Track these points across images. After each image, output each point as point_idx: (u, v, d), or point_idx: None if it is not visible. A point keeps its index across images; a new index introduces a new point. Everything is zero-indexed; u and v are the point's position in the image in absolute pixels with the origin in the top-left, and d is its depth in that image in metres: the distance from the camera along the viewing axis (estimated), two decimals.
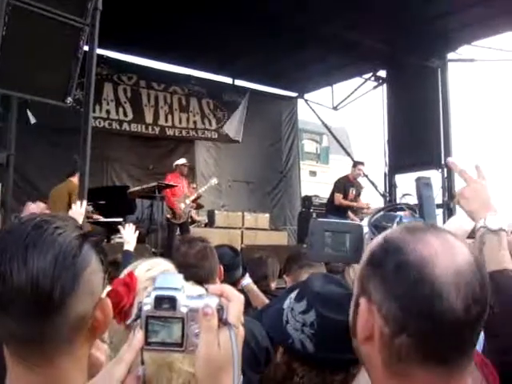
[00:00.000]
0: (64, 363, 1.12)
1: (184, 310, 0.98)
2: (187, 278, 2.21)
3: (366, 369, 1.11)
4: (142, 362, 1.02)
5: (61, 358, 1.12)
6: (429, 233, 1.03)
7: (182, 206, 10.56)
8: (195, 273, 2.89)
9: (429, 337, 0.97)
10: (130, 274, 1.57)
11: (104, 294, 1.22)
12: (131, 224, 4.58)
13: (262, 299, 3.82)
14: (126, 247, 4.30)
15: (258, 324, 2.08)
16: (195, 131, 14.57)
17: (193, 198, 10.87)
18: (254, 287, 3.92)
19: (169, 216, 10.51)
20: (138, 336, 0.99)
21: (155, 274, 1.87)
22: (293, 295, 1.80)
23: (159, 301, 0.98)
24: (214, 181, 11.63)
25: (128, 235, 4.37)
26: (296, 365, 1.69)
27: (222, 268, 3.19)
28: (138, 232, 4.52)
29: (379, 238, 1.08)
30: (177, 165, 10.93)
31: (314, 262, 3.53)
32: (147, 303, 0.98)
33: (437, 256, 0.98)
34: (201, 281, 2.88)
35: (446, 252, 0.99)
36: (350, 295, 1.79)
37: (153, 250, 9.00)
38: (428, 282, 0.96)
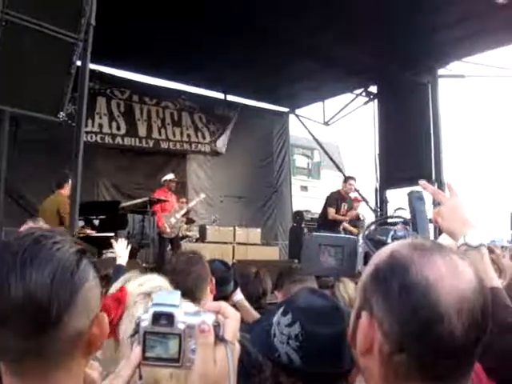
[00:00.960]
0: (61, 379, 1.11)
1: (181, 326, 0.99)
2: (176, 286, 2.23)
3: (364, 379, 1.12)
4: (140, 377, 1.03)
5: (57, 373, 1.11)
6: (436, 253, 1.03)
7: (173, 220, 10.58)
8: (183, 279, 2.91)
9: (428, 358, 0.97)
10: (122, 289, 1.58)
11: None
12: (123, 239, 4.58)
13: (252, 315, 3.81)
14: (118, 261, 4.30)
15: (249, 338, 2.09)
16: (189, 144, 14.60)
17: (183, 212, 10.91)
18: (246, 303, 3.92)
19: (160, 231, 10.53)
20: (136, 351, 0.99)
21: (147, 290, 1.88)
22: (280, 310, 1.82)
23: (157, 317, 0.99)
24: (202, 195, 11.69)
25: (120, 249, 4.37)
26: (283, 378, 1.71)
27: (213, 280, 3.19)
28: (130, 246, 4.53)
29: (386, 253, 1.08)
30: (165, 180, 10.97)
31: (306, 277, 3.55)
32: (145, 319, 0.99)
33: (442, 280, 0.98)
34: (190, 287, 2.91)
35: (451, 276, 0.99)
36: (336, 308, 1.82)
37: (144, 264, 8.96)
38: (430, 307, 0.96)
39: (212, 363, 0.98)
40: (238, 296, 3.90)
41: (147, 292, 1.83)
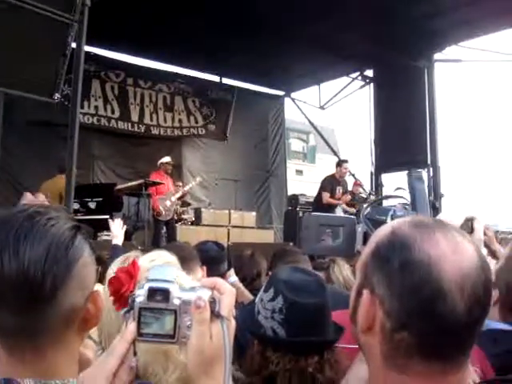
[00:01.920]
0: (55, 355, 1.11)
1: (177, 302, 0.98)
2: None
3: (364, 357, 1.12)
4: (135, 353, 1.02)
5: (52, 349, 1.11)
6: (437, 230, 1.02)
7: (168, 203, 10.59)
8: (179, 249, 2.97)
9: (429, 336, 0.98)
10: (134, 263, 1.58)
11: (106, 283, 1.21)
12: (119, 218, 4.61)
13: (247, 296, 3.84)
14: (114, 241, 4.32)
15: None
16: (180, 130, 14.56)
17: (178, 195, 10.93)
18: (240, 284, 3.94)
19: (154, 213, 10.54)
20: (131, 327, 0.99)
21: (160, 264, 1.89)
22: (262, 288, 1.84)
23: (152, 292, 0.98)
24: (198, 179, 11.72)
25: (116, 229, 4.40)
26: (270, 353, 1.73)
27: (204, 268, 3.21)
28: (125, 227, 4.55)
29: (386, 230, 1.07)
30: (161, 163, 10.96)
31: (299, 259, 3.57)
32: (140, 295, 0.98)
33: (444, 257, 0.98)
34: (184, 258, 2.98)
35: (453, 253, 0.99)
36: (317, 281, 1.83)
37: (139, 247, 8.97)
38: (433, 283, 0.96)
39: (208, 339, 0.98)
40: (232, 278, 3.93)
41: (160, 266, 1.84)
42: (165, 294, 0.98)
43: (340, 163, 11.19)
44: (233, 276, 3.96)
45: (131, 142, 13.61)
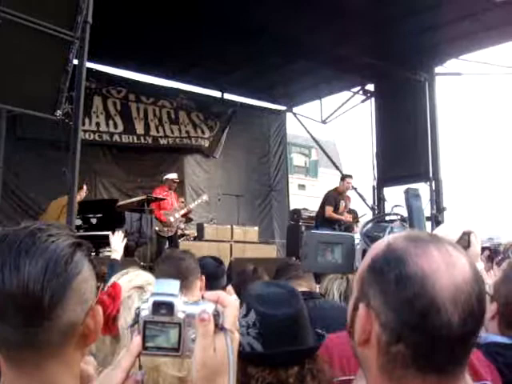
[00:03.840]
0: (55, 369, 1.12)
1: (181, 315, 0.99)
2: (171, 270, 2.27)
3: (362, 369, 1.13)
4: (140, 367, 1.03)
5: (52, 364, 1.12)
6: (431, 245, 1.03)
7: (172, 219, 10.63)
8: (178, 264, 3.04)
9: (425, 349, 0.98)
10: (114, 285, 1.59)
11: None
12: (120, 231, 4.60)
13: None
14: (113, 256, 4.31)
15: None
16: (189, 139, 14.58)
17: (183, 212, 10.99)
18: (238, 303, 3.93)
19: (157, 229, 10.55)
20: (136, 341, 0.99)
21: (138, 283, 1.90)
22: None
23: (157, 306, 0.99)
24: (205, 197, 11.77)
25: (116, 243, 4.38)
26: (251, 369, 1.72)
27: (203, 278, 3.21)
28: (125, 240, 4.54)
29: (382, 245, 1.09)
30: (167, 179, 11.02)
31: (302, 274, 3.56)
32: (145, 308, 0.99)
33: (438, 271, 0.99)
34: (182, 273, 2.97)
35: (447, 267, 1.00)
36: (289, 292, 1.83)
37: (142, 263, 8.96)
38: (427, 297, 0.97)
39: (212, 352, 0.99)
40: (233, 296, 3.91)
41: (138, 285, 1.85)
42: (169, 307, 0.99)
43: (344, 177, 11.22)
44: (233, 295, 3.95)
45: (133, 158, 13.62)
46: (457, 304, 0.97)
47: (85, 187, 8.86)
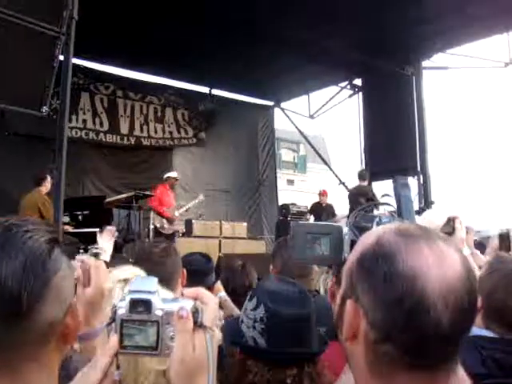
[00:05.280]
0: (31, 370, 1.08)
1: (159, 313, 0.98)
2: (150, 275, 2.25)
3: (349, 365, 1.11)
4: (118, 367, 1.01)
5: (28, 364, 1.08)
6: (422, 241, 1.01)
7: (176, 214, 10.96)
8: (159, 269, 2.92)
9: (414, 348, 0.97)
10: None
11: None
12: (108, 227, 4.50)
13: (236, 311, 3.81)
14: (101, 257, 4.25)
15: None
16: (171, 140, 14.62)
17: (182, 210, 11.11)
18: (229, 300, 3.92)
19: (158, 225, 10.55)
20: (113, 340, 0.98)
21: (125, 276, 1.89)
22: (248, 296, 1.84)
23: (134, 304, 0.98)
24: (202, 197, 11.78)
25: (104, 243, 4.32)
26: (250, 362, 1.74)
27: (185, 272, 3.18)
28: (113, 239, 4.46)
29: (371, 238, 1.06)
30: (168, 177, 11.18)
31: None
32: (122, 307, 0.98)
33: (428, 268, 0.97)
34: (165, 278, 2.92)
35: (438, 264, 0.97)
36: (302, 293, 1.83)
37: (130, 259, 8.93)
38: (416, 296, 0.95)
39: (191, 350, 0.97)
40: (221, 293, 3.90)
41: (125, 278, 1.84)
42: (147, 305, 0.98)
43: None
44: (222, 291, 3.94)
45: (121, 154, 13.61)
46: (447, 303, 0.95)
47: (49, 178, 8.79)
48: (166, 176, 11.27)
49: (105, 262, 4.06)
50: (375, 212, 1.62)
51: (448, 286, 0.96)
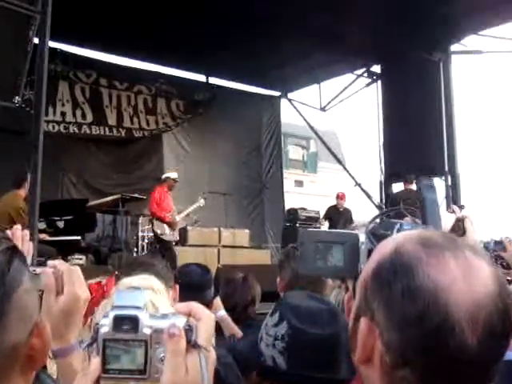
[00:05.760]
0: None
1: (147, 331, 0.96)
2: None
3: None
4: None
5: None
6: (447, 251, 0.99)
7: (177, 218, 10.94)
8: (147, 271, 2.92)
9: (435, 375, 0.95)
10: (110, 280, 1.59)
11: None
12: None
13: (237, 330, 3.81)
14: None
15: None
16: (168, 127, 14.72)
17: (183, 215, 11.16)
18: (229, 319, 3.92)
19: (159, 232, 10.53)
20: (94, 363, 0.96)
21: (137, 284, 1.86)
22: (270, 311, 1.83)
23: (119, 321, 0.96)
24: (202, 202, 11.79)
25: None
26: None
27: (177, 288, 3.17)
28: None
29: (389, 248, 1.04)
30: (168, 177, 11.09)
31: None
32: (105, 324, 0.96)
33: (453, 283, 0.95)
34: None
35: (465, 278, 0.95)
36: (331, 311, 1.81)
37: (116, 272, 8.92)
38: (438, 314, 0.93)
39: (183, 372, 0.95)
40: (221, 312, 3.89)
41: (135, 286, 1.82)
42: (133, 322, 0.96)
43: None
44: (222, 310, 3.93)
45: (107, 151, 13.63)
46: (475, 323, 0.93)
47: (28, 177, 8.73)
48: (164, 176, 11.24)
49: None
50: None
51: (477, 303, 0.94)
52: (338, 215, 13.03)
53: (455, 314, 0.93)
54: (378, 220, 1.50)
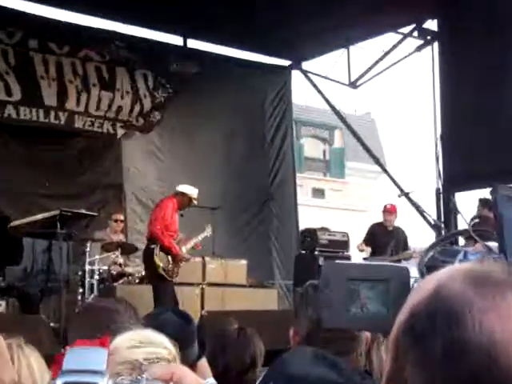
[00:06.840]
0: None
1: None
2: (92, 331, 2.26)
3: None
4: None
5: None
6: (509, 290, 0.99)
7: (184, 250, 10.85)
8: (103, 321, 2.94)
9: None
10: (105, 341, 1.61)
11: None
12: None
13: None
14: None
15: None
16: (114, 121, 14.62)
17: (190, 246, 11.29)
18: None
19: (162, 265, 10.47)
20: None
21: (140, 357, 1.87)
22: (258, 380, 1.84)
23: None
24: (209, 230, 11.88)
25: None
26: None
27: None
28: None
29: (429, 286, 1.03)
30: (184, 193, 10.99)
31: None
32: None
33: None
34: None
35: None
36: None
37: (52, 324, 8.91)
38: (496, 379, 0.93)
39: None
40: (210, 380, 3.91)
41: (138, 360, 1.83)
42: None
43: None
44: (209, 378, 3.95)
45: (39, 144, 13.62)
46: None
47: None
48: (180, 190, 11.24)
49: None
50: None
51: None
52: (385, 237, 13.05)
53: None
54: (434, 249, 1.51)
